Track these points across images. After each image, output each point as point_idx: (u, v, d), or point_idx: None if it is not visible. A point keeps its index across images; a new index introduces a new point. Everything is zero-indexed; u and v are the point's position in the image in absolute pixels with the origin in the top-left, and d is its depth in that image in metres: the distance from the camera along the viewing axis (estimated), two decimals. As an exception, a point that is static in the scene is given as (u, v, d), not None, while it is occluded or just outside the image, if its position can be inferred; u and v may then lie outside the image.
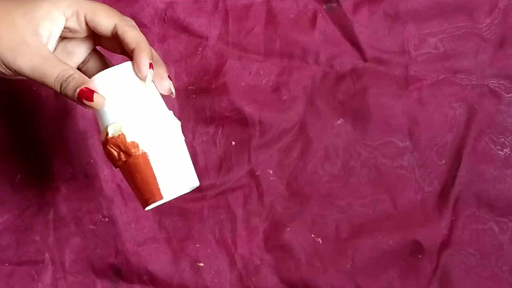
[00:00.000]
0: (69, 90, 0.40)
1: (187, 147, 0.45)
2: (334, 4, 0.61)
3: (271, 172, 0.61)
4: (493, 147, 0.60)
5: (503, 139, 0.60)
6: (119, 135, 0.41)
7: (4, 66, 0.40)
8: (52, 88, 0.41)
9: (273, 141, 0.61)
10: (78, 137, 0.60)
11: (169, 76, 0.44)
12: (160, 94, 0.44)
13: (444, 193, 0.60)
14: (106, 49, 0.46)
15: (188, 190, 0.45)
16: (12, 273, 0.60)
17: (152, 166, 0.41)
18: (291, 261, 0.60)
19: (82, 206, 0.60)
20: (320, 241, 0.60)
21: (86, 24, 0.42)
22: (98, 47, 0.47)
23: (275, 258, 0.60)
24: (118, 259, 0.60)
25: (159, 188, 0.41)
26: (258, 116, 0.60)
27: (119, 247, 0.60)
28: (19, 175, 0.60)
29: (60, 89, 0.40)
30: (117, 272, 0.60)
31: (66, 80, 0.40)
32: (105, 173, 0.60)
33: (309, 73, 0.61)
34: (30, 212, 0.60)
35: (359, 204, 0.60)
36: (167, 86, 0.43)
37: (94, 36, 0.45)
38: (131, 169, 0.41)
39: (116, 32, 0.42)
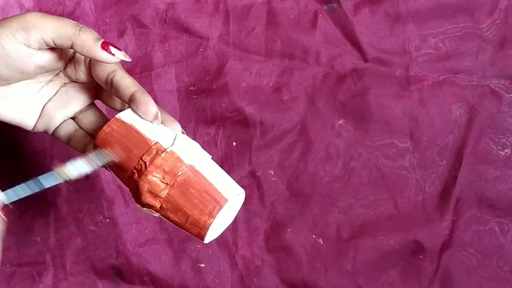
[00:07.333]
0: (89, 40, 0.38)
1: None
2: (335, 5, 0.61)
3: (272, 173, 0.61)
4: (494, 147, 0.60)
5: (504, 140, 0.60)
6: (160, 155, 0.38)
7: None
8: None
9: (274, 142, 0.61)
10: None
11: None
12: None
13: (445, 194, 0.60)
14: (105, 103, 0.46)
15: (243, 194, 0.42)
16: (13, 274, 0.60)
17: (203, 174, 0.39)
18: (292, 261, 0.60)
19: (83, 207, 0.60)
20: (321, 242, 0.60)
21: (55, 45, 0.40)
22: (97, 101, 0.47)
23: (276, 259, 0.60)
24: (119, 260, 0.60)
25: (220, 192, 0.38)
26: (259, 116, 0.60)
27: (120, 248, 0.60)
28: (20, 176, 0.60)
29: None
30: (118, 273, 0.60)
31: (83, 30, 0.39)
32: (106, 174, 0.60)
33: (310, 74, 0.61)
34: (31, 213, 0.60)
35: (360, 205, 0.60)
36: (179, 127, 0.42)
37: (96, 89, 0.45)
38: (183, 188, 0.38)
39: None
